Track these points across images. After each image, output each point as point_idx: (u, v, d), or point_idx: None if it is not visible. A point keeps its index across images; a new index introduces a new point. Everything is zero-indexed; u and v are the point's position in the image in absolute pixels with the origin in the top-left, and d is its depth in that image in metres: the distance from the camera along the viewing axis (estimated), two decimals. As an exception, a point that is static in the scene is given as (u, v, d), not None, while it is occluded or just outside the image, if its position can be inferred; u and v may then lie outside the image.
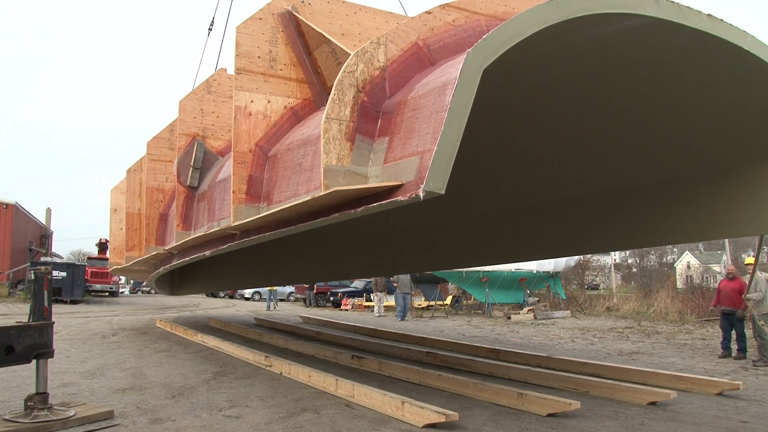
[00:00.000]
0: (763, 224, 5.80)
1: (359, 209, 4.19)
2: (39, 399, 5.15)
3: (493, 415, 5.75)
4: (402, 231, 9.82)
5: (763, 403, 6.70)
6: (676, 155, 6.07)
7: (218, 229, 6.72)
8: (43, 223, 41.30)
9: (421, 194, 3.57)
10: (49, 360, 5.31)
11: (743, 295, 10.25)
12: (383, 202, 3.95)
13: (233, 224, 6.01)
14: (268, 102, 6.34)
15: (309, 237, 10.88)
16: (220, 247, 7.06)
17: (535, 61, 4.74)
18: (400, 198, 3.78)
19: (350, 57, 4.60)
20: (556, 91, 5.49)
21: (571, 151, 6.60)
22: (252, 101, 6.24)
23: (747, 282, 10.93)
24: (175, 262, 9.78)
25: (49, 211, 41.59)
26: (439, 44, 5.10)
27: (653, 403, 6.35)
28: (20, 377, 7.12)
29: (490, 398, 6.35)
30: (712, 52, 4.55)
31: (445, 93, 3.74)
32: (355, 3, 6.89)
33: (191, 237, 7.97)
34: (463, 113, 3.64)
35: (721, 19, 4.36)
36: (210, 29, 12.59)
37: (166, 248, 9.77)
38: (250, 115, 6.20)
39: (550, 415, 5.69)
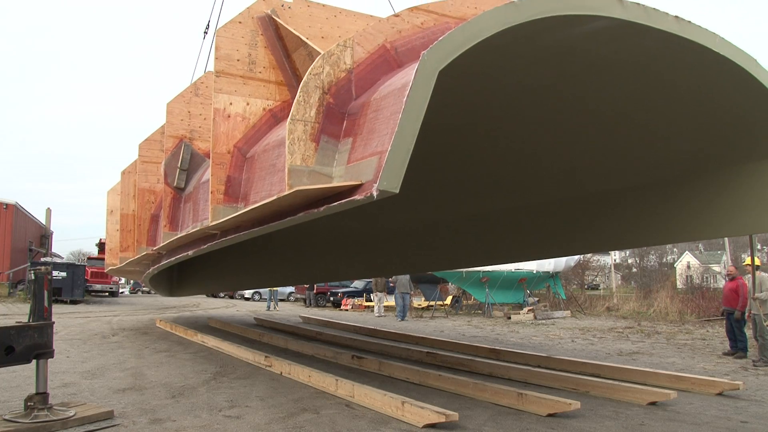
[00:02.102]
0: (742, 225, 5.79)
1: (321, 209, 4.27)
2: (39, 399, 5.15)
3: (493, 415, 5.75)
4: (397, 232, 9.84)
5: (763, 403, 6.70)
6: (655, 156, 6.07)
7: (199, 229, 6.78)
8: (43, 223, 41.30)
9: (375, 193, 3.63)
10: (49, 360, 5.31)
11: (752, 296, 10.23)
12: (342, 201, 4.02)
13: (211, 224, 6.07)
14: (247, 104, 6.39)
15: (303, 238, 10.91)
16: (202, 247, 7.13)
17: (512, 62, 4.75)
18: (357, 197, 3.83)
19: (316, 59, 4.63)
20: (537, 93, 5.50)
21: (556, 152, 6.62)
22: (231, 103, 6.29)
23: (746, 282, 10.94)
24: (164, 262, 9.84)
25: (49, 211, 41.61)
26: (407, 47, 5.14)
27: (653, 403, 6.35)
28: (20, 377, 7.12)
29: (490, 398, 6.35)
30: (682, 53, 4.54)
31: (404, 94, 3.76)
32: (336, 6, 6.91)
33: (177, 237, 8.03)
34: (418, 114, 3.67)
35: (689, 21, 4.34)
36: (206, 32, 12.75)
37: (155, 248, 9.82)
38: (229, 117, 6.25)
39: (550, 415, 5.70)
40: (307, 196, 4.29)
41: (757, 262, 10.64)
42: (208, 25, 12.63)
